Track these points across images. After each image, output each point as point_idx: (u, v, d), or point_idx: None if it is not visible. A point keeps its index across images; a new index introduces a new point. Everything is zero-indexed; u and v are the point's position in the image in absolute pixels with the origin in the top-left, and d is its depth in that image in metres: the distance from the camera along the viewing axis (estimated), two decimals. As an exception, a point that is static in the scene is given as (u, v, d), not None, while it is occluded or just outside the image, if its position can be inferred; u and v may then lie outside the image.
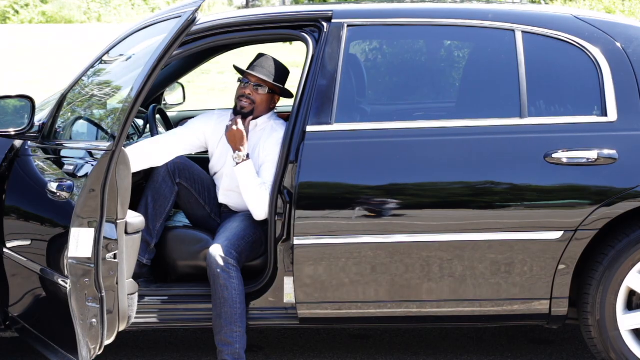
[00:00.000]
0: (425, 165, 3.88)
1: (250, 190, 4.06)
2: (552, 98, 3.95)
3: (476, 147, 3.86)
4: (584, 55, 3.92)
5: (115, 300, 3.57)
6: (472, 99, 4.04)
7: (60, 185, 3.72)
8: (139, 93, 3.50)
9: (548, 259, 3.83)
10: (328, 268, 3.88)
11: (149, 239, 4.14)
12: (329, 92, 3.94)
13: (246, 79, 4.23)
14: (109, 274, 3.53)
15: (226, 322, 3.94)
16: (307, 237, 3.86)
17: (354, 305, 3.94)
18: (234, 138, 4.11)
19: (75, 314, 3.54)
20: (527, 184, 3.83)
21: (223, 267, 3.93)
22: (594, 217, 3.79)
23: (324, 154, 3.89)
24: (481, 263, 3.85)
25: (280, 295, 3.99)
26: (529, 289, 3.86)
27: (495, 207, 3.83)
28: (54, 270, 3.75)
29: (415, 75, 4.19)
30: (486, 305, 3.91)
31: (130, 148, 4.09)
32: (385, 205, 3.85)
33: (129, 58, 4.18)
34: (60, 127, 4.06)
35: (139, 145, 4.25)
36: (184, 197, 4.24)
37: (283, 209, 3.92)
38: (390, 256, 3.86)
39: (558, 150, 3.81)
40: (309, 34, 4.07)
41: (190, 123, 4.39)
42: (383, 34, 4.16)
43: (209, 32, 4.12)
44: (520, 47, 3.93)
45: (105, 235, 3.51)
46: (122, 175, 3.55)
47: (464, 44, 4.29)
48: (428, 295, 3.90)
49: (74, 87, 4.13)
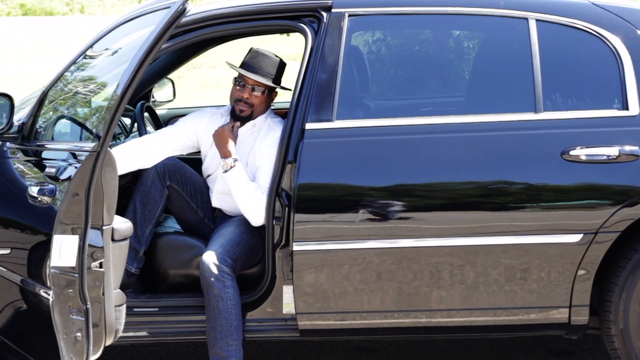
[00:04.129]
0: (433, 164, 3.90)
1: (243, 196, 4.07)
2: (569, 91, 3.96)
3: (488, 145, 3.87)
4: (603, 45, 3.93)
5: (101, 312, 3.56)
6: (483, 93, 4.06)
7: (41, 190, 3.73)
8: (125, 90, 3.50)
9: (567, 263, 3.84)
10: (330, 276, 3.89)
11: (138, 246, 4.15)
12: (329, 86, 3.95)
13: (242, 80, 4.25)
14: (94, 285, 3.53)
15: (221, 335, 3.95)
16: (307, 242, 3.87)
17: (359, 316, 3.95)
18: (221, 141, 4.14)
19: (59, 328, 3.54)
20: (543, 184, 3.84)
21: (217, 275, 3.94)
22: (616, 218, 3.80)
23: (324, 153, 3.91)
24: (495, 269, 3.86)
25: (279, 306, 4.00)
26: (546, 296, 3.87)
27: (509, 209, 3.84)
28: (35, 280, 3.75)
29: (421, 67, 4.21)
30: (500, 314, 3.93)
31: (116, 149, 4.09)
32: (391, 208, 3.87)
33: (114, 52, 4.18)
34: (42, 127, 4.07)
35: (126, 145, 4.26)
36: (175, 200, 4.25)
37: (281, 212, 3.92)
38: (397, 262, 3.87)
39: (576, 147, 3.82)
40: (307, 25, 4.08)
41: (181, 121, 4.40)
42: (387, 23, 4.17)
43: (200, 23, 4.13)
44: (534, 37, 3.94)
45: (90, 243, 3.50)
46: (108, 178, 3.55)
47: (474, 33, 4.31)
48: (438, 304, 3.91)
49: (56, 84, 4.14)
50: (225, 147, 4.14)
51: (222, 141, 4.15)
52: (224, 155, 4.14)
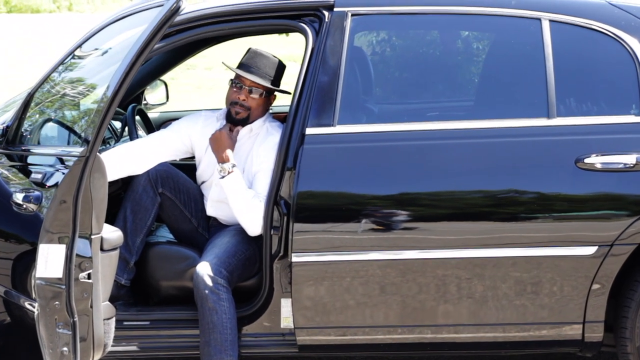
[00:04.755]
0: (440, 172, 3.88)
1: (240, 204, 4.05)
2: (583, 95, 3.93)
3: (498, 152, 3.85)
4: (620, 47, 3.90)
5: (89, 326, 3.54)
6: (493, 97, 4.05)
7: (27, 196, 3.69)
8: (116, 92, 3.48)
9: (580, 277, 3.81)
10: (331, 288, 3.86)
11: (128, 256, 4.12)
12: (330, 90, 3.93)
13: (239, 81, 4.20)
14: (82, 297, 3.50)
15: (215, 350, 3.91)
16: (306, 253, 3.84)
17: (361, 331, 3.93)
18: (218, 145, 4.11)
19: (44, 342, 3.52)
20: (556, 193, 3.82)
21: (212, 287, 3.90)
22: (633, 229, 3.77)
23: (325, 159, 3.89)
24: (504, 282, 3.83)
25: (277, 320, 3.98)
26: (558, 311, 3.85)
27: (519, 219, 3.81)
28: (19, 292, 3.72)
29: (428, 70, 4.19)
30: (510, 330, 3.90)
31: (106, 154, 4.08)
32: (395, 217, 3.83)
33: (104, 52, 4.17)
34: (27, 131, 4.05)
35: (116, 150, 4.25)
36: (168, 209, 4.23)
37: (280, 222, 3.91)
38: (401, 275, 3.85)
39: (591, 155, 3.79)
40: (308, 25, 4.06)
41: (175, 125, 4.38)
42: (392, 23, 4.16)
43: (195, 22, 4.11)
44: (547, 38, 3.92)
45: (78, 253, 3.48)
46: (97, 184, 3.53)
47: (484, 34, 4.29)
48: (444, 319, 3.89)
49: (43, 86, 4.12)
50: (223, 151, 4.12)
51: (220, 146, 4.13)
52: (221, 160, 4.12)
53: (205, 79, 14.43)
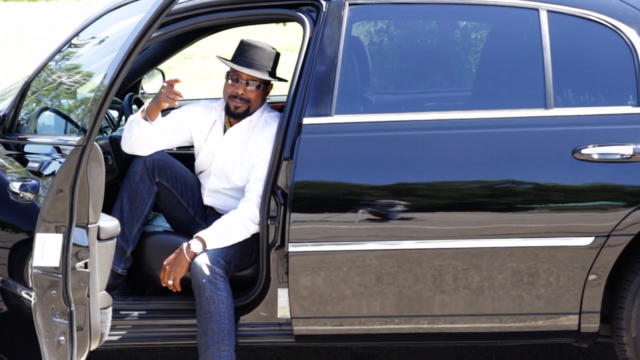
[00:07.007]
0: (437, 162, 3.90)
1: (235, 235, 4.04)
2: (581, 86, 3.96)
3: (495, 142, 3.87)
4: (618, 38, 3.92)
5: (86, 315, 3.55)
6: (491, 88, 4.06)
7: (23, 185, 3.72)
8: (113, 81, 3.48)
9: (577, 268, 3.83)
10: (327, 278, 3.88)
11: (125, 245, 4.14)
12: (328, 79, 3.95)
13: (236, 75, 4.22)
14: (79, 286, 3.51)
15: (213, 340, 3.94)
16: (303, 243, 3.86)
17: (357, 321, 3.95)
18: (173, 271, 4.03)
19: (41, 331, 3.53)
20: (553, 184, 3.84)
21: (209, 277, 3.93)
22: (629, 220, 3.79)
23: (322, 149, 3.91)
24: (501, 273, 3.85)
25: (274, 309, 4.01)
26: (555, 302, 3.87)
27: (516, 210, 3.84)
28: (16, 281, 3.74)
29: (426, 60, 4.20)
30: (507, 320, 3.92)
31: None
32: (393, 208, 3.86)
33: (101, 41, 4.19)
34: (24, 119, 4.06)
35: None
36: (165, 198, 4.24)
37: (276, 212, 3.93)
38: (398, 265, 3.87)
39: (588, 145, 3.81)
40: (305, 14, 4.07)
41: (173, 114, 4.38)
42: (390, 13, 4.16)
43: (192, 11, 4.12)
44: (545, 29, 3.93)
45: (75, 242, 3.48)
46: (94, 173, 3.54)
47: (482, 24, 4.30)
48: (441, 309, 3.91)
49: (40, 74, 4.14)
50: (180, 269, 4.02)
51: (174, 272, 4.03)
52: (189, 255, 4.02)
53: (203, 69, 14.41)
